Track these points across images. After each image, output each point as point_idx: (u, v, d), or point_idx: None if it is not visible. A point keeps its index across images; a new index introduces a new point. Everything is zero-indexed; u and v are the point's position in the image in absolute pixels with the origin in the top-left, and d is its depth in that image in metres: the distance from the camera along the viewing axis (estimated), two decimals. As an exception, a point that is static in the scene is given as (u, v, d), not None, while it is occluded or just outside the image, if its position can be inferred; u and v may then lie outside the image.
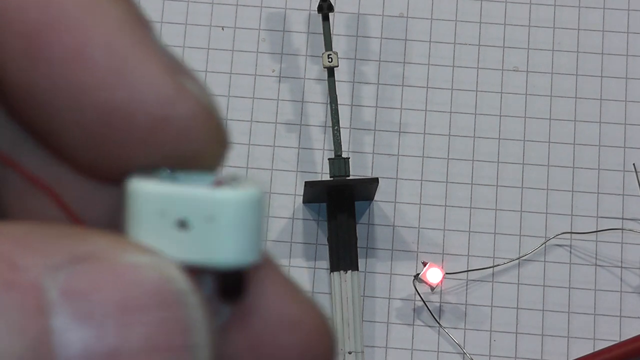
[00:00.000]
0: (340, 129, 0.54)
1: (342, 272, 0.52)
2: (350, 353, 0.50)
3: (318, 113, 0.58)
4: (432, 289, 0.54)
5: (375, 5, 0.59)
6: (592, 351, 0.54)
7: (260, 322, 0.20)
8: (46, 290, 0.16)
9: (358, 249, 0.54)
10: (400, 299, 0.55)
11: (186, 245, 0.18)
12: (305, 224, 0.56)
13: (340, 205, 0.53)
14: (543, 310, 0.55)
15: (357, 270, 0.53)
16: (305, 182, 0.53)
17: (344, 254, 0.53)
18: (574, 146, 0.57)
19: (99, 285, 0.17)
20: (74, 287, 0.17)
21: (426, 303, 0.54)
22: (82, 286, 0.17)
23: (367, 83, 0.58)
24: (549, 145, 0.57)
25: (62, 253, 0.17)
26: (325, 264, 0.55)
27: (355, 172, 0.56)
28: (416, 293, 0.54)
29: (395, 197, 0.56)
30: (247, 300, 0.19)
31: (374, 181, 0.53)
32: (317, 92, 0.58)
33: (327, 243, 0.54)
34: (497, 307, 0.55)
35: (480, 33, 0.59)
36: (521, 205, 0.56)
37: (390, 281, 0.55)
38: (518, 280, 0.55)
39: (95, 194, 0.20)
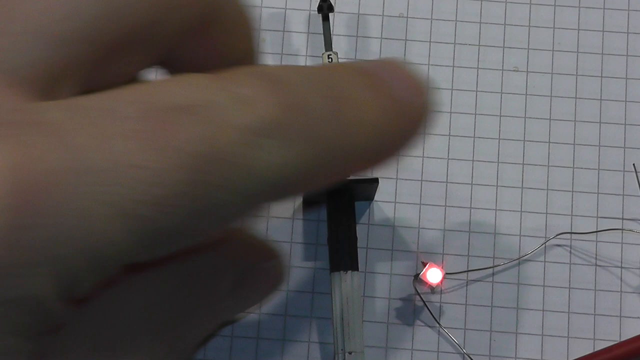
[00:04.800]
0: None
1: (342, 272, 0.52)
2: (350, 353, 0.50)
3: (318, 113, 0.58)
4: (432, 289, 0.54)
5: (375, 5, 0.59)
6: (592, 351, 0.54)
7: None
8: None
9: (358, 249, 0.54)
10: (400, 299, 0.55)
11: None
12: (305, 224, 0.56)
13: (340, 206, 0.53)
14: (543, 310, 0.55)
15: (357, 270, 0.52)
16: None
17: (343, 254, 0.52)
18: (574, 146, 0.57)
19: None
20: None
21: (426, 303, 0.54)
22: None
23: (367, 83, 0.58)
24: (549, 145, 0.57)
25: None
26: (325, 264, 0.55)
27: (355, 172, 0.56)
28: (416, 293, 0.54)
29: (395, 197, 0.56)
30: None
31: (374, 181, 0.53)
32: (317, 92, 0.58)
33: (326, 243, 0.54)
34: (497, 307, 0.55)
35: (480, 33, 0.59)
36: (521, 205, 0.56)
37: (390, 281, 0.55)
38: (518, 281, 0.55)
39: None
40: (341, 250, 0.53)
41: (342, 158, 0.27)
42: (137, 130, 0.23)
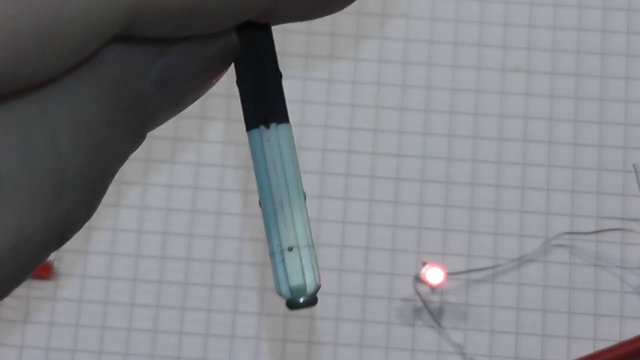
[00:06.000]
0: (339, 128, 0.54)
1: (262, 127, 0.27)
2: (291, 249, 0.27)
3: (318, 113, 0.58)
4: (433, 289, 0.54)
5: (376, 5, 0.59)
6: (592, 351, 0.54)
7: None
8: None
9: (357, 249, 0.54)
10: (400, 299, 0.55)
11: None
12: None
13: (254, 32, 0.28)
14: (543, 310, 0.55)
15: (287, 122, 0.28)
16: None
17: (263, 99, 0.28)
18: (574, 146, 0.57)
19: None
20: None
21: (426, 303, 0.54)
22: None
23: (367, 83, 0.58)
24: (549, 145, 0.57)
25: None
26: (324, 263, 0.55)
27: (355, 171, 0.56)
28: (416, 293, 0.54)
29: (396, 197, 0.56)
30: None
31: None
32: (317, 92, 0.58)
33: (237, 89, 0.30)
34: (498, 307, 0.55)
35: (480, 33, 0.59)
36: (521, 205, 0.56)
37: (390, 281, 0.55)
38: (518, 281, 0.55)
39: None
40: (259, 94, 0.29)
41: None
42: None
